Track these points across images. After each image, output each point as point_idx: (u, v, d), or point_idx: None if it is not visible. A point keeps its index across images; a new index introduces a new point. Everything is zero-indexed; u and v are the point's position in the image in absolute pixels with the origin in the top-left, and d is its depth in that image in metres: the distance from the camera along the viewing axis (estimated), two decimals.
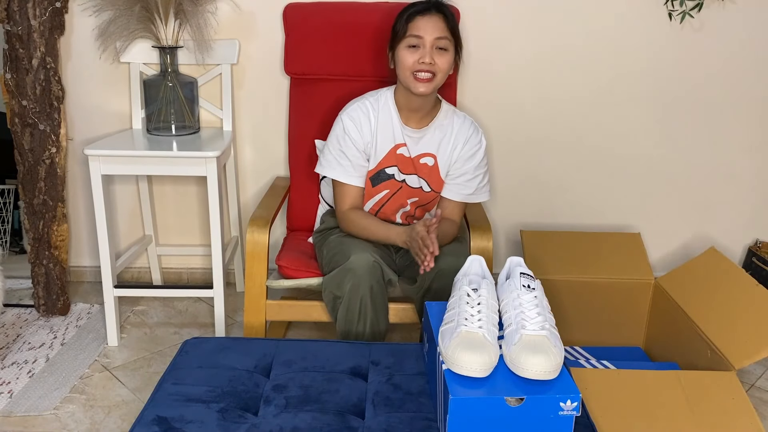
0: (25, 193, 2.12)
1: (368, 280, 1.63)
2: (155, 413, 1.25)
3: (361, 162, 1.79)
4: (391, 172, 1.81)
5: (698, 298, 1.87)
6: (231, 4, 2.17)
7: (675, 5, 2.18)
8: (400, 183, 1.82)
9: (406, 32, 1.68)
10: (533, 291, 1.29)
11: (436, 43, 1.66)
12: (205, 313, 2.31)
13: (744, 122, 2.34)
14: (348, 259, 1.64)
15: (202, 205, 2.42)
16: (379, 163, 1.79)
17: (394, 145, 1.78)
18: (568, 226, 2.44)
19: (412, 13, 1.68)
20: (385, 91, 1.81)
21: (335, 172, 1.79)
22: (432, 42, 1.66)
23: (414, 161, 1.80)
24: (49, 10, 2.01)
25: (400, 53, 1.69)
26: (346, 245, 1.71)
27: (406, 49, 1.68)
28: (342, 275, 1.64)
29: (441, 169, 1.82)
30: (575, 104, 2.30)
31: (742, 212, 2.46)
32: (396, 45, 1.71)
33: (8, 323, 2.17)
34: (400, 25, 1.70)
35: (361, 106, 1.78)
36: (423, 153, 1.80)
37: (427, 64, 1.66)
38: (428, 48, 1.66)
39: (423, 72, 1.66)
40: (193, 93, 2.15)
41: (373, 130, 1.77)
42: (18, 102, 2.04)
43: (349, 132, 1.77)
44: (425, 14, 1.67)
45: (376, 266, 1.64)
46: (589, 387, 1.51)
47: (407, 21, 1.68)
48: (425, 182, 1.82)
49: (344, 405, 1.29)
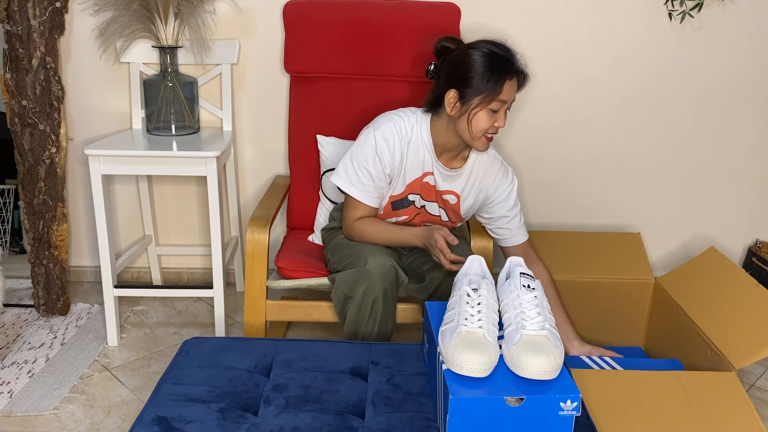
0: (25, 193, 2.12)
1: (383, 283, 1.62)
2: (155, 413, 1.25)
3: (383, 184, 1.71)
4: (412, 199, 1.77)
5: (698, 298, 1.87)
6: (230, 4, 2.17)
7: (675, 5, 2.18)
8: (419, 209, 1.79)
9: (495, 96, 1.56)
10: (533, 291, 1.29)
11: (510, 105, 1.62)
12: (205, 313, 2.31)
13: (744, 122, 2.34)
14: (365, 263, 1.62)
15: (202, 205, 2.42)
16: (405, 190, 1.74)
17: (423, 173, 1.73)
18: (568, 226, 2.44)
19: (504, 77, 1.56)
20: (421, 118, 1.70)
21: (355, 189, 1.71)
22: (509, 106, 1.62)
23: (438, 193, 1.76)
24: (49, 10, 2.01)
25: (480, 114, 1.58)
26: (362, 247, 1.70)
27: (488, 112, 1.58)
28: (357, 277, 1.63)
29: (463, 208, 1.80)
30: (575, 104, 2.30)
31: (742, 212, 2.46)
32: (473, 101, 1.58)
33: (8, 323, 2.17)
34: (489, 87, 1.56)
35: (396, 128, 1.68)
36: (448, 190, 1.76)
37: (499, 128, 1.62)
38: (503, 112, 1.61)
39: (493, 134, 1.63)
40: (193, 93, 2.15)
41: (403, 155, 1.69)
42: (18, 102, 2.04)
43: (380, 154, 1.67)
44: (513, 79, 1.58)
45: (392, 270, 1.64)
46: (589, 387, 1.51)
47: (499, 83, 1.56)
48: (444, 212, 1.80)
49: (344, 405, 1.29)
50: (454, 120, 1.63)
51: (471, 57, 1.58)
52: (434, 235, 1.61)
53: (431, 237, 1.63)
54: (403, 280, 1.68)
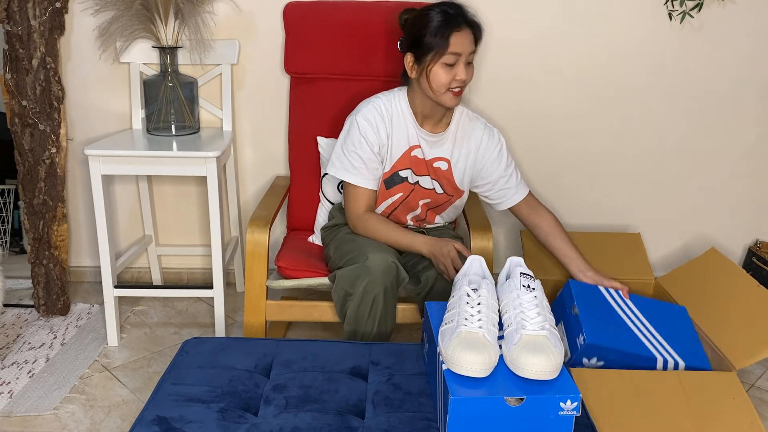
0: (25, 193, 2.12)
1: (383, 280, 1.63)
2: (155, 413, 1.25)
3: (375, 165, 1.76)
4: (404, 175, 1.79)
5: (698, 298, 1.87)
6: (231, 4, 2.17)
7: (675, 5, 2.18)
8: (413, 185, 1.81)
9: (444, 50, 1.62)
10: (533, 291, 1.29)
11: (468, 58, 1.66)
12: (205, 313, 2.32)
13: (744, 122, 2.34)
14: (366, 259, 1.63)
15: (202, 205, 2.42)
16: (394, 166, 1.78)
17: (409, 147, 1.77)
18: (569, 226, 2.44)
19: (449, 30, 1.62)
20: (397, 93, 1.78)
21: (349, 175, 1.76)
22: (466, 58, 1.65)
23: (428, 163, 1.79)
24: (49, 10, 2.01)
25: (436, 69, 1.64)
26: (363, 243, 1.70)
27: (443, 67, 1.63)
28: (357, 273, 1.63)
29: (456, 175, 1.81)
30: (575, 104, 2.30)
31: (742, 212, 2.46)
32: (426, 58, 1.64)
33: (8, 323, 2.17)
34: (436, 41, 1.62)
35: (375, 108, 1.74)
36: (437, 157, 1.79)
37: (461, 80, 1.65)
38: (462, 65, 1.65)
39: (457, 87, 1.66)
40: (193, 93, 2.15)
41: (388, 132, 1.75)
42: (18, 102, 2.04)
43: (365, 134, 1.73)
44: (461, 30, 1.63)
45: (393, 267, 1.64)
46: (589, 387, 1.51)
47: (444, 36, 1.61)
48: (438, 184, 1.82)
49: (344, 405, 1.29)
50: (418, 82, 1.70)
51: (420, 18, 1.67)
52: (448, 245, 1.64)
53: (443, 247, 1.65)
54: (404, 278, 1.68)
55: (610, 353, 1.60)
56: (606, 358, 1.61)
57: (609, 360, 1.61)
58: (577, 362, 1.62)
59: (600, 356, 1.60)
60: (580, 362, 1.62)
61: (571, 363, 1.63)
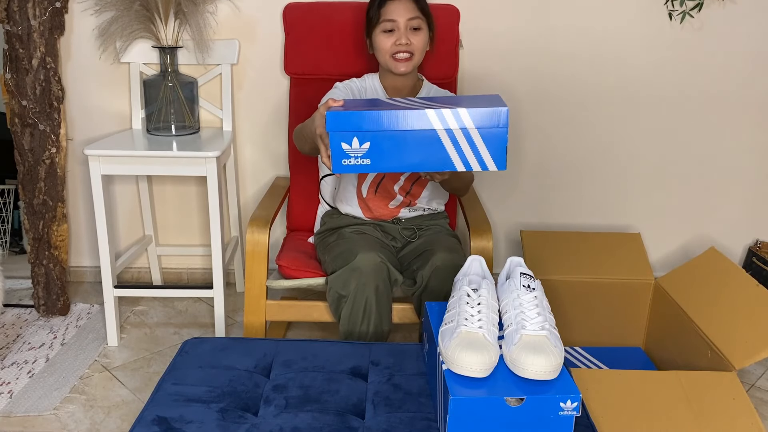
0: (25, 193, 2.12)
1: (374, 279, 1.62)
2: (155, 413, 1.25)
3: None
4: None
5: (698, 298, 1.87)
6: (231, 5, 2.17)
7: (675, 5, 2.18)
8: None
9: (379, 18, 1.77)
10: (533, 291, 1.29)
11: (410, 24, 1.76)
12: (205, 313, 2.31)
13: (744, 122, 2.34)
14: (354, 258, 1.63)
15: (202, 205, 2.42)
16: None
17: None
18: (568, 226, 2.44)
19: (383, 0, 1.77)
20: (369, 74, 1.91)
21: None
22: (405, 24, 1.76)
23: None
24: (49, 10, 2.01)
25: (377, 38, 1.79)
26: (352, 244, 1.70)
27: (382, 34, 1.78)
28: (348, 274, 1.64)
29: None
30: (574, 104, 2.30)
31: (742, 212, 2.46)
32: (372, 31, 1.81)
33: (8, 323, 2.17)
34: (373, 12, 1.79)
35: (349, 82, 1.86)
36: None
37: (404, 45, 1.76)
38: (402, 30, 1.76)
39: (401, 53, 1.77)
40: (193, 93, 2.15)
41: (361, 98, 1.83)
42: (18, 102, 2.04)
43: (337, 87, 1.83)
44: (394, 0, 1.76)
45: (383, 266, 1.64)
46: (589, 387, 1.51)
47: (379, 7, 1.78)
48: None
49: (344, 405, 1.29)
50: (376, 58, 1.84)
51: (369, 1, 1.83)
52: (316, 116, 1.41)
53: (314, 122, 1.44)
54: (396, 278, 1.68)
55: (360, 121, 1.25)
56: (361, 130, 1.27)
57: (364, 132, 1.26)
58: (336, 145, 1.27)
59: (348, 128, 1.27)
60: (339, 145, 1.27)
61: None
